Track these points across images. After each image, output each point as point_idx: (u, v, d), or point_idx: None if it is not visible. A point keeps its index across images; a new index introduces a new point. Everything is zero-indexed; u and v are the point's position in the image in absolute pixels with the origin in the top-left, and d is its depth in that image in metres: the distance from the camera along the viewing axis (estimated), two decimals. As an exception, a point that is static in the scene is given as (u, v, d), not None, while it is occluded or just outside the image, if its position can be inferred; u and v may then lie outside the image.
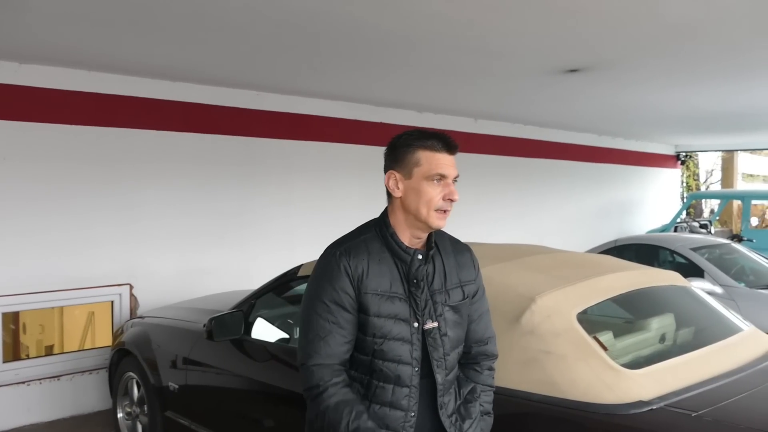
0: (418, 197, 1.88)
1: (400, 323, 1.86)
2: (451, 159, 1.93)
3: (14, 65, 4.86)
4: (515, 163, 9.17)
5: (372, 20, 3.93)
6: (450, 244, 2.07)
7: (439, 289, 1.93)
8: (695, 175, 19.39)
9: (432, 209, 1.88)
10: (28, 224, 4.96)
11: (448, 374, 1.93)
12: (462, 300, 1.98)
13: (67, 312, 5.48)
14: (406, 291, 1.89)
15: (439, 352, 1.90)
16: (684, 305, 3.13)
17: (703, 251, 6.46)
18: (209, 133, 6.00)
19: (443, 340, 1.91)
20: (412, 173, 1.89)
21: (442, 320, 1.92)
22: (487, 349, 2.06)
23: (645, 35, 4.33)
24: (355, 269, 1.86)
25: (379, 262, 1.88)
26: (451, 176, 1.92)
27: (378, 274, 1.87)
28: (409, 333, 1.87)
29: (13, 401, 4.90)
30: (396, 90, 6.37)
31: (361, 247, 1.90)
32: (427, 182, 1.88)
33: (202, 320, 3.69)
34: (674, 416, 2.13)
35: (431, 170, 1.88)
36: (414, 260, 1.91)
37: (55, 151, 5.09)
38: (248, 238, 6.17)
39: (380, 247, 1.91)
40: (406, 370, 1.86)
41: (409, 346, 1.87)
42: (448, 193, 1.90)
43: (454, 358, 1.95)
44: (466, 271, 2.03)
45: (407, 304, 1.88)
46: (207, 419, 3.60)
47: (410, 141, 1.91)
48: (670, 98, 6.95)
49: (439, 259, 1.98)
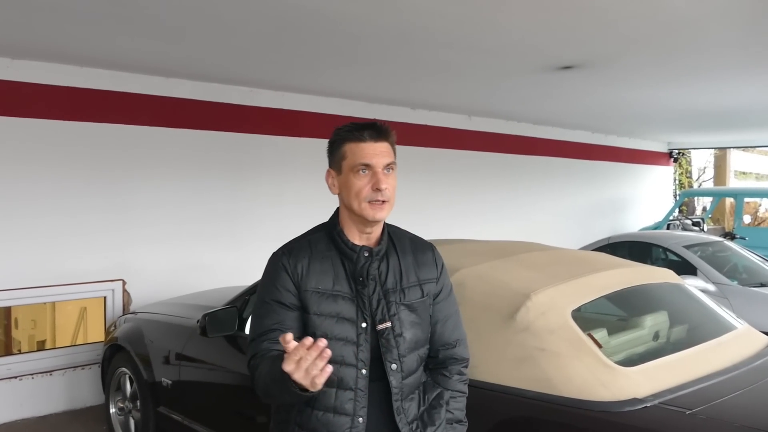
0: (349, 191, 1.80)
1: (343, 323, 1.78)
2: (380, 147, 1.81)
3: (6, 60, 4.82)
4: (509, 161, 9.18)
5: (365, 16, 3.92)
6: (410, 241, 1.97)
7: (393, 288, 1.84)
8: (688, 172, 19.47)
9: (362, 201, 1.78)
10: (20, 219, 4.93)
11: (406, 378, 1.83)
12: (420, 298, 1.88)
13: (59, 307, 5.46)
14: (353, 290, 1.81)
15: (393, 353, 1.81)
16: (678, 303, 3.15)
17: (695, 249, 6.49)
18: (202, 129, 5.97)
19: (398, 341, 1.81)
20: (341, 168, 1.83)
21: (396, 320, 1.82)
22: (455, 353, 1.95)
23: (638, 32, 4.33)
24: (294, 268, 1.81)
25: (322, 260, 1.82)
26: (380, 165, 1.79)
27: (319, 272, 1.81)
28: (354, 333, 1.78)
29: (5, 396, 4.88)
30: (389, 86, 6.37)
31: (303, 247, 1.85)
32: (353, 174, 1.79)
33: (196, 316, 3.68)
34: (668, 414, 2.14)
35: (355, 161, 1.79)
36: (360, 257, 1.83)
37: (47, 147, 5.06)
38: (241, 235, 6.16)
39: (326, 245, 1.85)
40: (349, 372, 1.76)
41: (354, 347, 1.78)
42: (375, 182, 1.78)
43: (413, 360, 1.85)
44: (426, 270, 1.93)
45: (353, 303, 1.80)
46: (200, 415, 3.60)
47: (337, 135, 1.85)
48: (663, 95, 6.97)
49: (395, 257, 1.89)
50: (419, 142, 7.85)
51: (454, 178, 8.39)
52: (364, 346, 1.79)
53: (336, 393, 1.77)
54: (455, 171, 8.39)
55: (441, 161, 8.17)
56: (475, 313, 2.64)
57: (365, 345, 1.79)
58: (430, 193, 8.00)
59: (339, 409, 1.76)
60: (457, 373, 1.95)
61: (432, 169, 8.02)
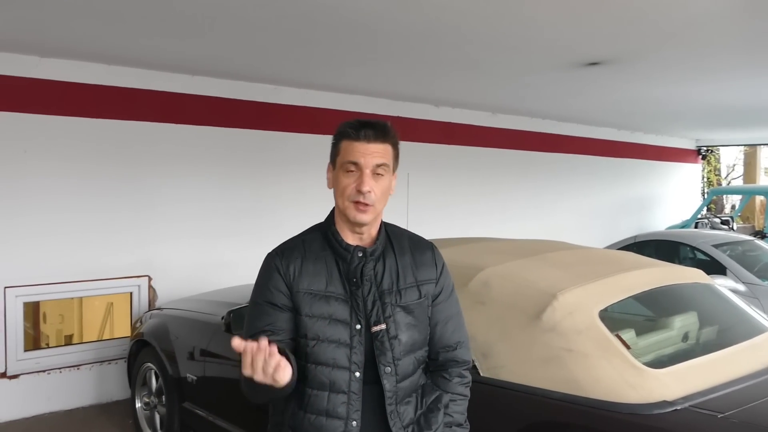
0: (337, 187, 1.78)
1: (336, 324, 1.74)
2: (373, 147, 1.74)
3: (35, 59, 4.89)
4: (533, 158, 9.10)
5: (389, 13, 3.90)
6: (408, 241, 1.90)
7: (388, 289, 1.79)
8: (716, 170, 19.13)
9: (346, 200, 1.74)
10: (49, 216, 5.00)
11: (401, 381, 1.78)
12: (417, 300, 1.82)
13: (86, 302, 5.54)
14: (347, 291, 1.77)
15: (387, 356, 1.76)
16: (707, 303, 3.09)
17: (725, 248, 6.38)
18: (227, 126, 6.01)
19: (392, 344, 1.76)
20: (336, 163, 1.80)
21: (392, 322, 1.77)
22: (456, 356, 1.89)
23: (668, 27, 4.25)
24: (286, 269, 1.77)
25: (315, 260, 1.78)
26: (368, 165, 1.73)
27: (312, 273, 1.77)
28: (347, 335, 1.74)
29: (34, 389, 4.97)
30: (413, 84, 6.34)
31: (296, 248, 1.82)
32: (343, 171, 1.76)
33: (220, 313, 3.70)
34: (700, 417, 2.09)
35: (344, 158, 1.75)
36: (353, 258, 1.78)
37: (74, 144, 5.13)
38: (265, 232, 6.18)
39: (321, 246, 1.81)
40: (341, 375, 1.73)
41: (347, 349, 1.73)
42: (358, 183, 1.73)
43: (409, 363, 1.80)
44: (425, 270, 1.86)
45: (347, 305, 1.75)
46: (224, 411, 3.62)
47: (338, 131, 1.82)
48: (692, 91, 6.85)
49: (392, 257, 1.83)
50: (442, 140, 7.82)
51: (478, 175, 8.34)
52: (358, 349, 1.74)
53: (328, 396, 1.73)
54: (478, 168, 8.34)
55: (464, 159, 8.12)
56: (501, 312, 2.62)
57: (359, 347, 1.74)
58: (453, 191, 7.97)
59: (331, 413, 1.73)
60: (457, 375, 1.89)
61: (455, 167, 7.99)
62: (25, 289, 4.91)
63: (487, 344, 2.56)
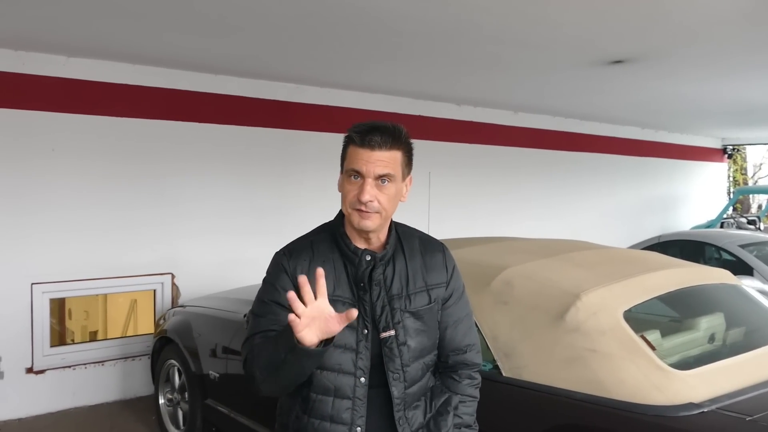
0: (342, 193, 1.74)
1: (342, 329, 1.64)
2: (378, 155, 1.68)
3: (62, 58, 4.96)
4: (555, 157, 9.03)
5: (411, 12, 3.89)
6: (420, 243, 1.86)
7: (398, 294, 1.75)
8: (743, 169, 18.83)
9: (349, 207, 1.71)
10: (75, 214, 5.08)
11: (410, 387, 1.75)
12: (427, 305, 1.79)
13: (111, 299, 5.62)
14: (355, 295, 1.73)
15: (396, 363, 1.73)
16: (734, 304, 3.04)
17: (751, 248, 6.28)
18: (249, 125, 6.05)
19: (401, 350, 1.73)
20: (343, 168, 1.76)
21: (401, 328, 1.73)
22: (466, 359, 1.85)
23: (694, 23, 4.19)
24: (294, 270, 1.73)
25: (322, 263, 1.71)
26: (371, 174, 1.67)
27: None
28: (353, 340, 1.71)
29: (60, 385, 5.04)
30: (434, 82, 6.32)
31: (304, 249, 1.79)
32: (347, 178, 1.72)
33: (242, 310, 3.73)
34: (727, 420, 2.06)
35: (348, 165, 1.71)
36: (362, 262, 1.74)
37: (100, 143, 5.20)
38: (286, 229, 6.13)
39: (329, 248, 1.78)
40: (346, 380, 1.70)
41: (353, 354, 1.70)
42: (359, 192, 1.68)
43: (417, 369, 1.77)
44: (435, 274, 1.82)
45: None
46: (246, 408, 3.64)
47: (346, 134, 1.77)
48: (718, 90, 6.74)
49: (402, 260, 1.79)
50: (464, 139, 7.80)
51: (500, 174, 8.30)
52: (364, 354, 1.72)
53: (333, 401, 1.71)
54: (501, 167, 8.29)
55: (486, 158, 8.08)
56: (523, 312, 2.60)
57: (365, 353, 1.72)
58: (474, 190, 7.94)
59: (336, 418, 1.71)
60: (467, 377, 1.87)
61: (477, 165, 7.95)
62: (51, 285, 4.98)
63: (509, 344, 2.54)
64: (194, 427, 4.03)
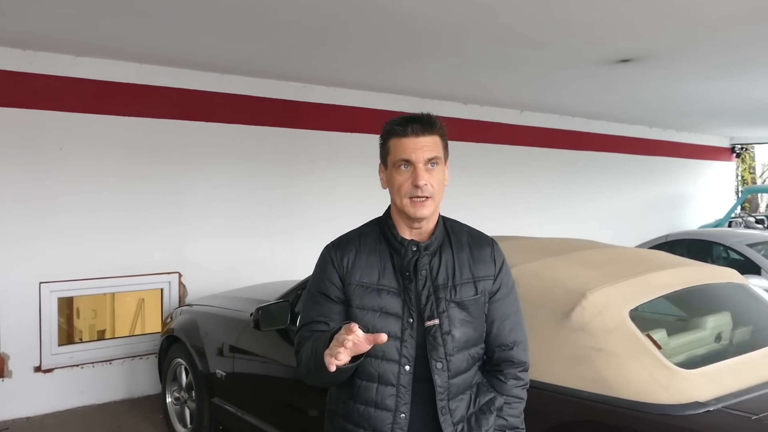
0: (392, 187, 1.80)
1: (386, 317, 1.76)
2: (422, 141, 1.76)
3: (70, 58, 4.99)
4: (562, 156, 9.01)
5: (419, 11, 3.89)
6: (468, 236, 1.90)
7: (443, 284, 1.79)
8: (751, 168, 18.73)
9: (404, 197, 1.76)
10: (83, 213, 5.11)
11: (453, 377, 1.77)
12: (474, 296, 1.81)
13: (118, 298, 5.64)
14: (401, 284, 1.78)
15: (439, 351, 1.76)
16: (741, 304, 3.02)
17: (759, 247, 6.25)
18: (256, 124, 6.07)
19: (445, 339, 1.76)
20: (387, 163, 1.82)
21: (445, 317, 1.77)
22: (512, 355, 1.86)
23: (701, 22, 4.18)
24: (340, 261, 1.82)
25: (369, 253, 1.81)
26: (420, 160, 1.75)
27: (365, 266, 1.80)
28: (399, 329, 1.75)
29: (68, 383, 5.07)
30: (441, 82, 6.32)
31: (352, 240, 1.86)
32: (396, 170, 1.78)
33: (249, 309, 3.73)
34: (733, 419, 2.05)
35: (395, 156, 1.77)
36: (407, 251, 1.80)
37: (108, 142, 5.23)
38: (294, 229, 6.23)
39: (377, 239, 1.84)
40: (390, 367, 1.75)
41: (398, 342, 1.75)
42: (414, 178, 1.75)
43: (462, 359, 1.79)
44: (483, 266, 1.85)
45: (399, 298, 1.77)
46: (253, 407, 3.65)
47: (384, 130, 1.83)
48: (726, 88, 6.71)
49: (449, 252, 1.83)
50: (471, 138, 7.79)
51: (506, 173, 8.29)
52: (409, 342, 1.76)
53: (377, 388, 1.75)
54: (507, 166, 8.28)
55: (493, 157, 8.08)
56: (529, 311, 2.57)
57: (410, 341, 1.76)
58: (481, 190, 7.93)
59: (380, 404, 1.75)
60: (513, 377, 1.86)
61: (484, 165, 7.95)
62: (59, 284, 5.02)
63: (515, 343, 2.53)
64: (201, 425, 4.05)
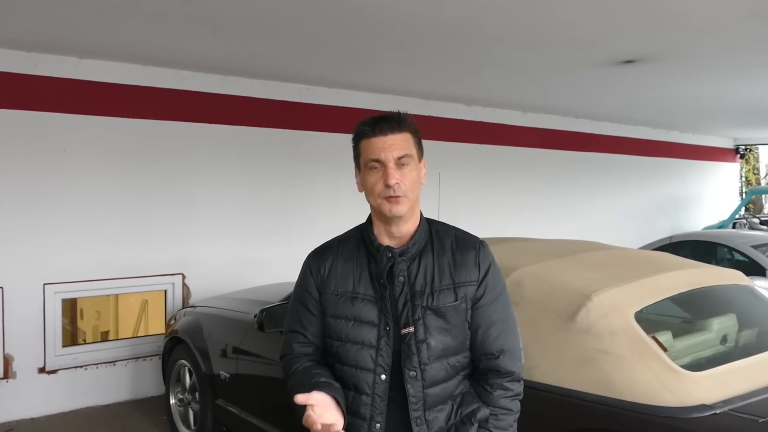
0: (366, 188, 1.75)
1: (361, 326, 1.72)
2: (391, 140, 1.72)
3: (74, 60, 5.00)
4: (566, 157, 8.99)
5: (421, 12, 3.89)
6: (453, 240, 1.81)
7: (421, 291, 1.72)
8: (755, 169, 18.64)
9: (378, 197, 1.72)
10: (87, 214, 5.11)
11: (429, 387, 1.70)
12: (453, 303, 1.72)
13: (122, 300, 5.64)
14: (377, 292, 1.73)
15: (413, 360, 1.69)
16: (747, 305, 3.01)
17: (764, 249, 6.24)
18: (259, 126, 6.07)
19: (419, 348, 1.69)
20: (360, 166, 1.78)
21: (420, 325, 1.70)
22: (498, 365, 1.74)
23: (705, 23, 4.16)
24: (318, 270, 1.80)
25: (346, 261, 1.78)
26: (390, 159, 1.70)
27: (341, 275, 1.77)
28: (374, 337, 1.71)
29: (71, 384, 5.08)
30: (444, 83, 6.32)
31: (331, 248, 1.84)
32: (367, 171, 1.74)
33: (253, 311, 3.73)
34: (739, 422, 2.04)
35: (366, 157, 1.74)
36: (383, 258, 1.74)
37: (111, 144, 5.23)
38: (298, 231, 6.22)
39: (355, 246, 1.80)
40: (365, 376, 1.70)
41: (372, 351, 1.70)
42: (385, 177, 1.70)
43: (439, 369, 1.71)
44: (465, 271, 1.75)
45: (375, 306, 1.72)
46: (256, 408, 3.65)
47: (355, 132, 1.80)
48: (730, 89, 6.69)
49: (429, 257, 1.76)
50: (474, 139, 7.78)
51: (510, 175, 8.27)
52: (385, 351, 1.70)
53: (353, 396, 1.72)
54: (510, 168, 8.27)
55: (496, 158, 8.07)
56: (534, 313, 2.59)
57: (386, 349, 1.70)
58: (485, 191, 7.92)
59: (355, 413, 1.72)
60: (499, 387, 1.74)
61: (487, 166, 7.94)
62: (63, 286, 5.02)
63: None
64: (205, 427, 4.05)
